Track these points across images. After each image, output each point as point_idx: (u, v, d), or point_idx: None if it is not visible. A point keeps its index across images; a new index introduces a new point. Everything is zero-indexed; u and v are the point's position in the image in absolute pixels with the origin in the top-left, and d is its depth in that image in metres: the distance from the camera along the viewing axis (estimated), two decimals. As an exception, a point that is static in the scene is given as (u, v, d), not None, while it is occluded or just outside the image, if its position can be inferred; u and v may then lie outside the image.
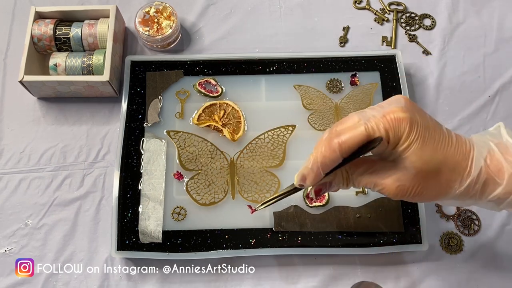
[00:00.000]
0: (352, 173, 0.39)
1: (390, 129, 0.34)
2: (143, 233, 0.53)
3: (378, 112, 0.35)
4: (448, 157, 0.36)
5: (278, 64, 0.62)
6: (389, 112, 0.35)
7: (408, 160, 0.35)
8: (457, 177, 0.36)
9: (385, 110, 0.35)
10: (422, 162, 0.35)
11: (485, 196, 0.37)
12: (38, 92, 0.60)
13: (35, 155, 0.59)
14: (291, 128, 0.58)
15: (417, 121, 0.35)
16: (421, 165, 0.35)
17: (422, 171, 0.36)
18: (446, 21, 0.67)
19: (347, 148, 0.35)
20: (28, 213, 0.56)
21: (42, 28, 0.60)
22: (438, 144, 0.36)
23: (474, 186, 0.36)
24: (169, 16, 0.62)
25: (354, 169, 0.38)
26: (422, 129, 0.35)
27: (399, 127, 0.34)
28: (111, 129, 0.60)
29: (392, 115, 0.35)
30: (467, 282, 0.54)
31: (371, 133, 0.34)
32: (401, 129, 0.34)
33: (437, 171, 0.36)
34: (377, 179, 0.37)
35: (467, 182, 0.36)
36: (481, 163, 0.36)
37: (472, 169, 0.36)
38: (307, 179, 0.38)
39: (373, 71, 0.61)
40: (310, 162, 0.37)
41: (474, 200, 0.38)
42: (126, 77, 0.60)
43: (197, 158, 0.57)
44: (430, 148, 0.35)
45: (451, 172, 0.36)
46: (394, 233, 0.54)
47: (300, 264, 0.54)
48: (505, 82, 0.63)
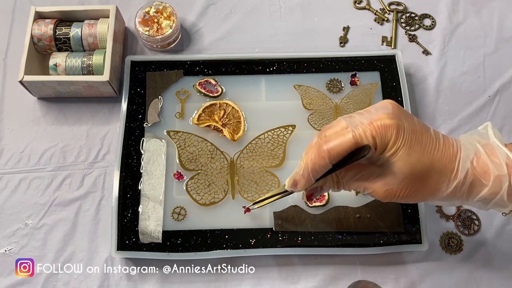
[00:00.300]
0: (342, 177, 0.40)
1: (377, 136, 0.36)
2: (143, 233, 0.53)
3: (365, 118, 0.36)
4: (435, 161, 0.37)
5: (278, 64, 0.62)
6: (376, 119, 0.36)
7: (395, 165, 0.36)
8: (444, 180, 0.37)
9: (372, 117, 0.36)
10: (409, 167, 0.36)
11: (472, 196, 0.38)
12: (38, 92, 0.60)
13: (35, 155, 0.59)
14: (291, 128, 0.58)
15: (404, 127, 0.36)
16: (408, 170, 0.36)
17: (410, 176, 0.37)
18: (446, 21, 0.67)
19: (335, 154, 0.36)
20: (28, 213, 0.56)
21: (42, 28, 0.60)
22: (425, 148, 0.37)
23: (461, 188, 0.37)
24: (169, 16, 0.62)
25: (344, 174, 0.40)
26: (409, 134, 0.36)
27: (386, 134, 0.36)
28: (111, 129, 0.60)
29: (379, 122, 0.36)
30: (467, 282, 0.54)
31: (359, 140, 0.35)
32: (388, 136, 0.36)
33: (424, 174, 0.37)
34: (366, 183, 0.38)
35: (454, 184, 0.37)
36: (468, 165, 0.37)
37: (458, 172, 0.37)
38: (298, 185, 0.40)
39: (373, 71, 0.61)
40: (301, 168, 0.39)
41: (461, 201, 0.39)
42: (126, 77, 0.60)
43: (197, 158, 0.57)
44: (416, 153, 0.36)
45: (438, 175, 0.37)
46: (394, 233, 0.54)
47: (300, 264, 0.54)
48: (505, 82, 0.63)
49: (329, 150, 0.36)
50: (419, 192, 0.37)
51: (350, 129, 0.36)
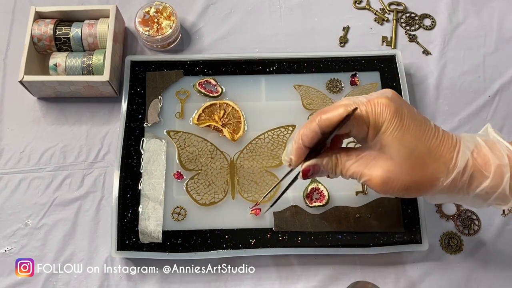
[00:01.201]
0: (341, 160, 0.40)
1: (370, 112, 0.37)
2: (143, 233, 0.53)
3: (364, 98, 0.38)
4: (433, 149, 0.37)
5: (278, 64, 0.62)
6: (373, 98, 0.37)
7: (393, 149, 0.37)
8: (443, 169, 0.37)
9: (370, 97, 0.38)
10: (406, 151, 0.36)
11: (473, 189, 0.37)
12: (38, 92, 0.60)
13: (35, 155, 0.59)
14: (291, 128, 0.58)
15: (401, 110, 0.37)
16: (405, 154, 0.37)
17: (407, 161, 0.37)
18: (446, 21, 0.67)
19: (325, 119, 0.37)
20: (28, 213, 0.56)
21: (42, 28, 0.60)
22: (424, 134, 0.37)
23: (461, 179, 0.37)
24: (169, 16, 0.62)
25: (343, 156, 0.40)
26: (407, 118, 0.37)
27: (381, 112, 0.37)
28: (111, 129, 0.60)
29: (376, 101, 0.37)
30: (467, 282, 0.54)
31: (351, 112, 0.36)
32: (383, 114, 0.36)
33: (422, 161, 0.37)
34: (364, 169, 0.39)
35: (454, 174, 0.37)
36: (468, 155, 0.37)
37: (458, 161, 0.37)
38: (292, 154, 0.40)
39: (373, 71, 0.61)
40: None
41: (462, 195, 0.38)
42: (126, 77, 0.60)
43: (197, 158, 0.57)
44: (414, 138, 0.37)
45: (436, 163, 0.37)
46: (394, 233, 0.54)
47: (300, 264, 0.54)
48: (505, 82, 0.63)
49: (320, 115, 0.38)
50: (416, 181, 0.37)
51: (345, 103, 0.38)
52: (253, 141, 0.58)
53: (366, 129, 0.37)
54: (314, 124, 0.38)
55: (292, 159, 0.40)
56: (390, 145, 0.37)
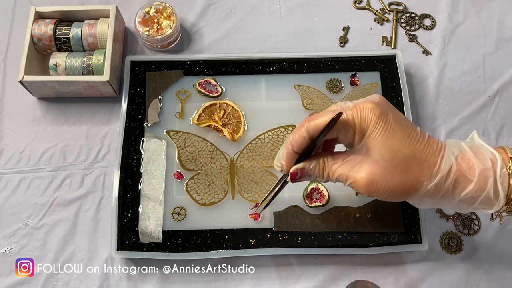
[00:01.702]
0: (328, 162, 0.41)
1: (356, 117, 0.38)
2: (143, 233, 0.53)
3: (351, 103, 0.39)
4: (417, 153, 0.38)
5: (278, 64, 0.62)
6: (359, 103, 0.39)
7: (377, 152, 0.38)
8: (426, 173, 0.37)
9: (357, 102, 0.39)
10: (390, 154, 0.37)
11: (457, 193, 0.38)
12: (38, 92, 0.60)
13: (35, 155, 0.59)
14: (291, 128, 0.58)
15: (387, 115, 0.38)
16: (389, 157, 0.37)
17: (391, 164, 0.37)
18: (446, 21, 0.67)
19: (313, 125, 0.38)
20: (28, 213, 0.56)
21: (42, 28, 0.60)
22: (408, 138, 0.38)
23: (445, 183, 0.37)
24: (169, 16, 0.62)
25: (330, 159, 0.40)
26: (392, 122, 0.38)
27: (366, 117, 0.38)
28: (111, 129, 0.60)
29: (362, 105, 0.38)
30: (467, 282, 0.54)
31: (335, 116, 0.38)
32: (368, 118, 0.38)
33: (406, 165, 0.37)
34: (349, 172, 0.39)
35: (437, 178, 0.37)
36: (452, 160, 0.37)
37: (441, 166, 0.37)
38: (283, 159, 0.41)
39: (373, 71, 0.61)
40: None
41: (447, 200, 0.39)
42: (126, 77, 0.60)
43: (197, 158, 0.57)
44: (398, 141, 0.37)
45: (419, 167, 0.37)
46: (394, 233, 0.54)
47: (300, 264, 0.54)
48: (505, 82, 0.63)
49: (308, 121, 0.39)
50: (400, 184, 0.38)
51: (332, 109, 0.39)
52: (253, 141, 0.58)
53: (353, 134, 0.39)
54: (303, 129, 0.39)
55: (283, 164, 0.41)
56: (375, 148, 0.38)
